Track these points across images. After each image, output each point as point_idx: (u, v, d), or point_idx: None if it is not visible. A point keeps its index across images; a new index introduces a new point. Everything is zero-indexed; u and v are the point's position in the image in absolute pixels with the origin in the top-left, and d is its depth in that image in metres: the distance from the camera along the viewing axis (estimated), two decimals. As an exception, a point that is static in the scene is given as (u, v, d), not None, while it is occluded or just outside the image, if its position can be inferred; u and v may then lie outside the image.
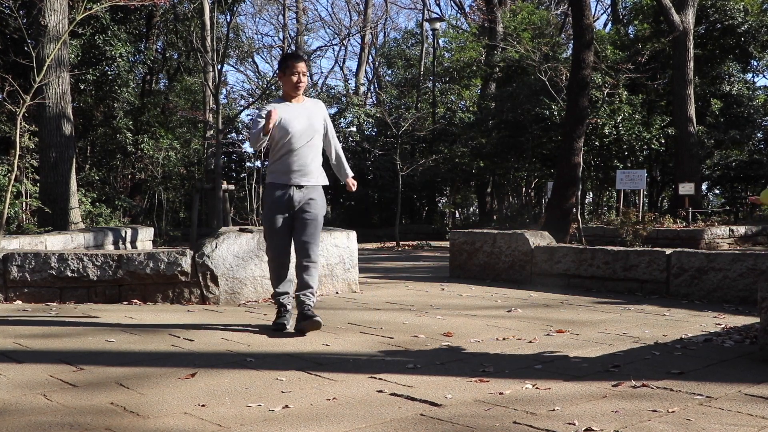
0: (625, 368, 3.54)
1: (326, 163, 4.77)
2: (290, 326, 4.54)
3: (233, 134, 23.47)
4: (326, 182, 4.67)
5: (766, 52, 21.54)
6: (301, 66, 4.59)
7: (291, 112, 4.52)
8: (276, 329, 4.51)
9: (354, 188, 4.84)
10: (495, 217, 21.23)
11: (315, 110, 4.62)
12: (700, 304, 5.85)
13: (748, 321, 4.89)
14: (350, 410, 2.85)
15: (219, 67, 16.68)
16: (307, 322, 4.38)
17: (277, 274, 4.62)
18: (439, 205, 25.34)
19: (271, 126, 4.33)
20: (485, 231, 8.19)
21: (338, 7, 58.20)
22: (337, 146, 4.83)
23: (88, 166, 19.33)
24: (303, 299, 4.49)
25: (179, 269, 5.68)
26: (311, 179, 4.54)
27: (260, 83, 29.54)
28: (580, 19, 12.44)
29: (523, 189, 22.88)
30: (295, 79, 4.55)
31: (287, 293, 4.63)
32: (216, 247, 5.73)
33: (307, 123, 4.53)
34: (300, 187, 4.50)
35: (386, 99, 26.85)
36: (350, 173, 4.86)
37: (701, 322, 4.98)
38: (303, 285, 4.51)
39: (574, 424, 2.65)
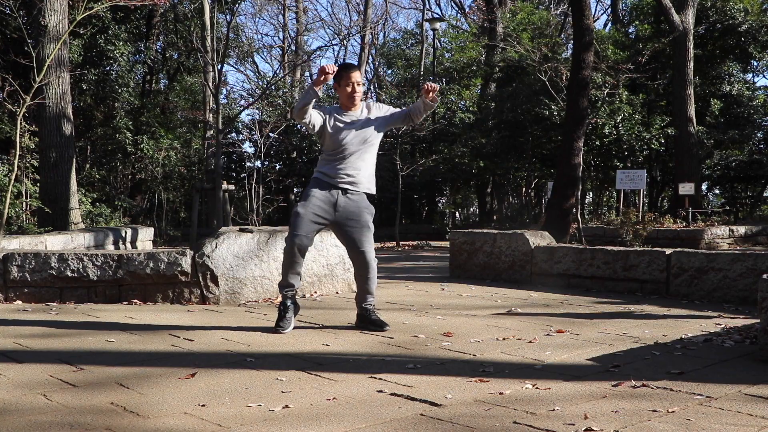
0: (625, 368, 3.54)
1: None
2: (289, 330, 4.53)
3: (233, 134, 23.47)
4: (374, 191, 4.62)
5: (766, 52, 21.53)
6: (356, 76, 4.54)
7: (344, 121, 4.52)
8: (274, 332, 4.51)
9: (435, 86, 4.52)
10: (495, 217, 21.23)
11: (370, 116, 4.57)
12: (700, 304, 5.85)
13: (748, 321, 4.89)
14: (350, 410, 2.85)
15: (219, 67, 16.67)
16: (375, 328, 4.56)
17: (288, 266, 4.53)
18: (439, 205, 25.33)
19: (321, 79, 4.26)
20: (485, 231, 8.18)
21: (338, 7, 58.17)
22: (405, 111, 4.68)
23: (88, 166, 19.33)
24: (366, 307, 4.64)
25: (179, 269, 5.68)
26: (359, 186, 4.53)
27: (260, 83, 29.53)
28: (580, 20, 12.45)
29: (523, 189, 22.88)
30: (349, 89, 4.52)
31: (293, 286, 4.59)
32: (216, 247, 5.73)
33: (358, 132, 4.51)
34: (345, 192, 4.50)
35: (386, 99, 26.83)
36: (422, 98, 4.57)
37: (701, 322, 4.98)
38: (364, 296, 4.63)
39: (574, 424, 2.65)
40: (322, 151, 4.67)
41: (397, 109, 4.78)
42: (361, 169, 4.55)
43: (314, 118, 4.48)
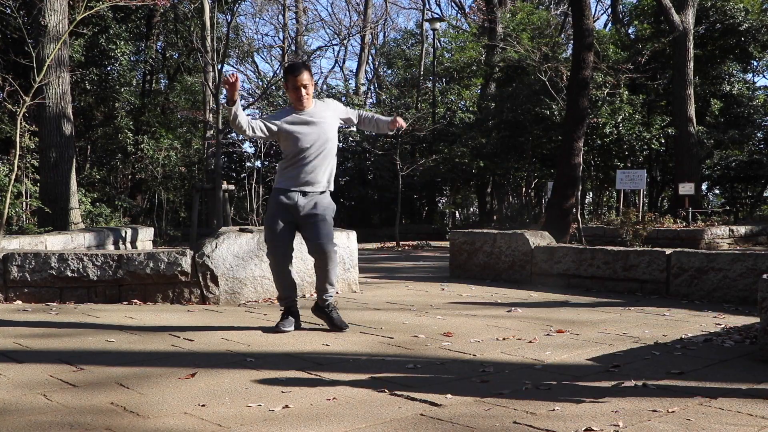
0: (625, 368, 3.54)
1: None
2: (290, 329, 4.55)
3: (233, 134, 23.45)
4: (331, 189, 4.61)
5: (766, 52, 21.52)
6: (302, 78, 4.46)
7: (299, 122, 4.48)
8: (275, 331, 4.52)
9: (403, 124, 4.63)
10: (495, 217, 21.23)
11: (326, 114, 4.55)
12: (700, 304, 5.85)
13: (748, 321, 4.89)
14: (350, 410, 2.85)
15: (219, 67, 16.66)
16: (332, 326, 4.57)
17: (280, 279, 4.61)
18: (439, 205, 25.31)
19: (229, 89, 4.21)
20: (485, 231, 8.18)
21: (338, 7, 58.17)
22: (361, 114, 4.79)
23: (88, 165, 19.34)
24: (325, 298, 4.60)
25: (179, 269, 5.68)
26: (318, 187, 4.51)
27: (260, 83, 29.54)
28: (581, 20, 12.44)
29: (523, 189, 22.87)
30: (295, 94, 4.48)
31: (290, 297, 4.63)
32: (216, 247, 5.73)
33: (318, 132, 4.47)
34: (305, 193, 4.49)
35: (386, 99, 26.83)
36: (388, 119, 4.70)
37: (701, 322, 4.98)
38: (321, 287, 4.59)
39: (574, 424, 2.65)
40: (282, 157, 4.60)
41: (353, 111, 4.76)
42: (320, 169, 4.49)
43: (258, 129, 4.45)
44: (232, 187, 17.14)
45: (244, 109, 4.52)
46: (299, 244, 4.87)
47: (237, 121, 4.36)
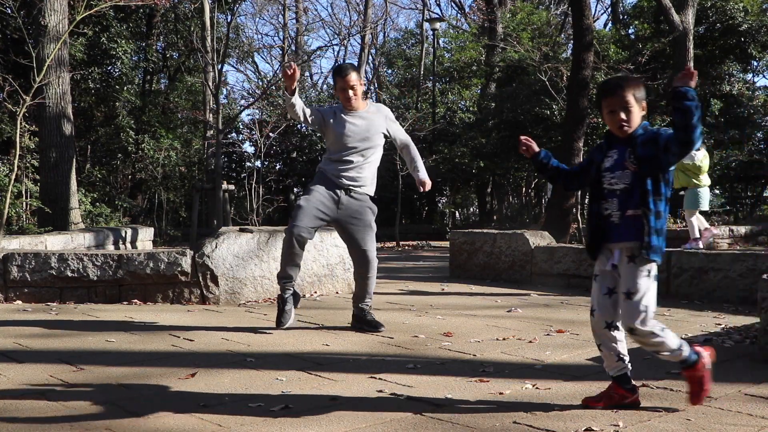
0: (625, 368, 3.53)
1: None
2: (289, 324, 4.53)
3: (233, 134, 23.45)
4: (372, 193, 4.62)
5: (766, 52, 21.52)
6: (350, 79, 4.50)
7: (347, 120, 4.51)
8: (275, 327, 4.54)
9: (425, 188, 4.66)
10: (495, 217, 21.22)
11: (375, 118, 4.58)
12: (700, 304, 5.85)
13: (748, 321, 4.89)
14: (350, 410, 2.85)
15: (219, 67, 16.66)
16: (370, 329, 4.54)
17: (287, 258, 4.46)
18: (439, 205, 25.31)
19: (287, 81, 4.26)
20: (485, 231, 8.19)
21: (338, 7, 58.16)
22: (404, 140, 4.74)
23: (88, 165, 19.33)
24: (363, 307, 4.63)
25: (179, 269, 5.68)
26: (362, 189, 4.53)
27: (260, 83, 29.51)
28: (580, 20, 12.45)
29: (523, 189, 22.87)
30: (344, 95, 4.52)
31: (291, 278, 4.52)
32: (216, 247, 5.73)
33: (360, 131, 4.51)
34: (349, 191, 4.50)
35: (386, 99, 26.83)
36: (422, 170, 4.70)
37: (701, 322, 4.98)
38: (363, 295, 4.61)
39: (574, 424, 2.65)
40: (326, 150, 4.67)
41: (401, 134, 4.74)
42: (365, 170, 4.55)
43: (308, 116, 4.56)
44: (232, 187, 17.13)
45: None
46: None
47: (295, 109, 4.45)
